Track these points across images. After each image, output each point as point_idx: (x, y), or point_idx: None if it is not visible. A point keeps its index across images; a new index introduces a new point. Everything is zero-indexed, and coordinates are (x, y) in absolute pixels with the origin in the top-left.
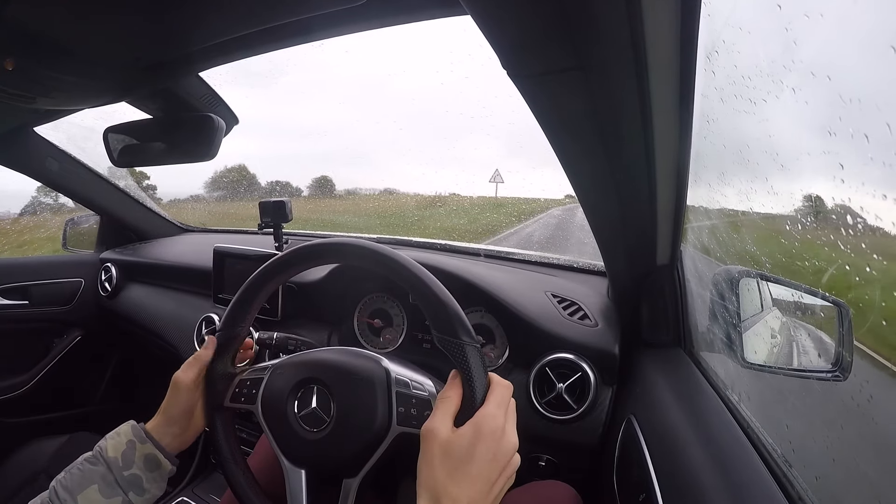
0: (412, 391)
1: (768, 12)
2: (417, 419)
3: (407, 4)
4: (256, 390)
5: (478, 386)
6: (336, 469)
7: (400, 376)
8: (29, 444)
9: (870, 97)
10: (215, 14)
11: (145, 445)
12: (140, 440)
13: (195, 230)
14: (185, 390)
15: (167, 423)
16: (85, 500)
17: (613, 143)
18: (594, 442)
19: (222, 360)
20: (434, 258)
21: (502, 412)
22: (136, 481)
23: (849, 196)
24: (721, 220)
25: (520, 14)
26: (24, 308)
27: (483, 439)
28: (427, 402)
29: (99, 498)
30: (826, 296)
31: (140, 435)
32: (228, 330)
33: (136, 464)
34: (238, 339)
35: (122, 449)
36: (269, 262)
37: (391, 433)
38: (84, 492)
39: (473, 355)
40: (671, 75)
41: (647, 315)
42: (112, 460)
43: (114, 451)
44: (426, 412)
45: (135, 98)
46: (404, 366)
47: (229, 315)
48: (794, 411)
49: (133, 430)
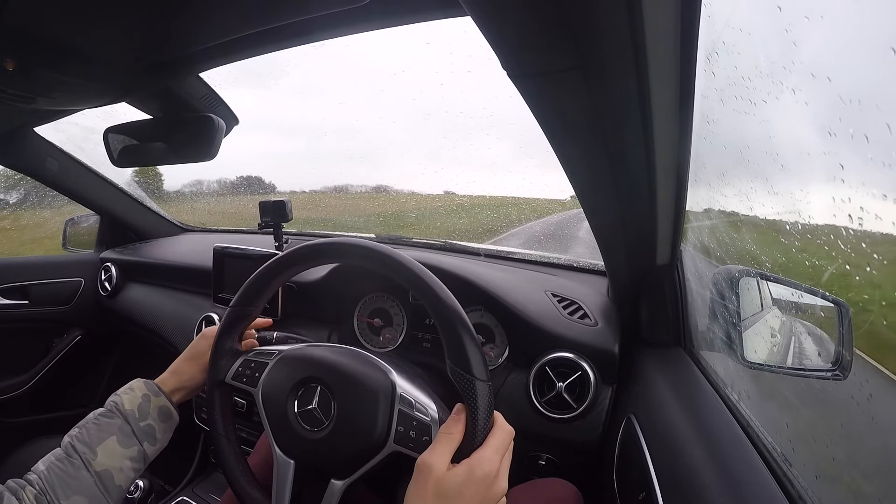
0: (415, 412)
1: (768, 14)
2: (415, 442)
3: (408, 5)
4: (259, 374)
5: (480, 425)
6: (326, 470)
7: (405, 394)
8: (29, 444)
9: (870, 98)
10: (217, 15)
11: (159, 398)
12: (154, 394)
13: (195, 230)
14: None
15: (177, 381)
16: (104, 450)
17: (613, 143)
18: (594, 441)
19: (230, 336)
20: (434, 257)
21: (499, 457)
22: (151, 431)
23: (849, 196)
24: (721, 220)
25: (520, 15)
26: (24, 308)
27: (474, 482)
28: (427, 427)
29: (118, 448)
30: (826, 295)
31: (154, 389)
32: (241, 307)
33: (151, 415)
34: (248, 319)
35: (137, 402)
36: (301, 247)
37: (386, 449)
38: (103, 443)
39: (483, 394)
40: (671, 76)
41: (646, 314)
42: (129, 413)
43: (130, 405)
44: (424, 437)
45: (135, 98)
46: (412, 381)
47: (244, 292)
48: (793, 410)
49: (147, 385)
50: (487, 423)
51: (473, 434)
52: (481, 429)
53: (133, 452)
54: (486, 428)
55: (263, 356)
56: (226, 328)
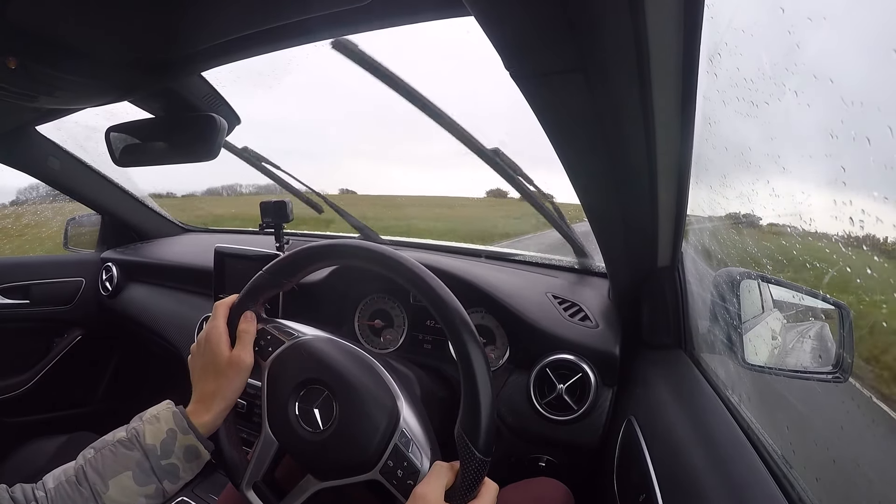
0: (409, 453)
1: (771, 15)
2: (399, 482)
3: (411, 5)
4: (273, 349)
5: (467, 490)
6: (307, 465)
7: (406, 430)
8: (29, 444)
9: (872, 100)
10: (218, 14)
11: (188, 437)
12: (182, 430)
13: (196, 230)
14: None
15: (217, 404)
16: (117, 485)
17: (615, 144)
18: (594, 443)
19: (253, 301)
20: (435, 259)
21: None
22: (174, 470)
23: (850, 198)
24: (722, 222)
25: (523, 15)
26: (25, 307)
27: None
28: (416, 473)
29: (132, 485)
30: (827, 297)
31: (182, 425)
32: (272, 276)
33: (176, 454)
34: (274, 289)
35: (161, 437)
36: (344, 241)
37: (369, 475)
38: (117, 477)
39: (479, 468)
40: (673, 77)
41: (647, 316)
42: (150, 448)
43: (152, 439)
44: (409, 481)
45: (137, 97)
46: (417, 415)
47: (277, 265)
48: (794, 412)
49: (175, 419)
50: (473, 491)
51: (459, 493)
52: (466, 493)
53: (150, 490)
54: (470, 494)
55: (282, 333)
56: (251, 291)
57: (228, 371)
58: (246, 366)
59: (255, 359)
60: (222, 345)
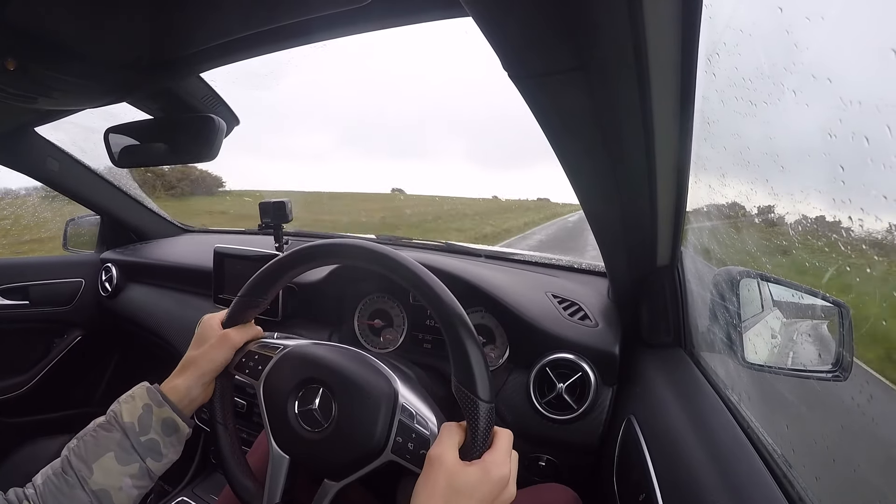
0: (415, 425)
1: (770, 15)
2: (412, 454)
3: (408, 6)
4: (262, 367)
5: (479, 442)
6: (320, 470)
7: (407, 404)
8: (29, 444)
9: (870, 99)
10: (217, 15)
11: (162, 409)
12: (157, 404)
13: (195, 230)
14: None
15: (194, 374)
16: (101, 468)
17: (614, 144)
18: (594, 442)
19: (234, 326)
20: (434, 258)
21: (509, 461)
22: (154, 446)
23: (849, 197)
24: (721, 221)
25: (521, 16)
26: (25, 308)
27: (489, 482)
28: (426, 441)
29: (115, 465)
30: (826, 296)
31: (157, 398)
32: (249, 297)
33: (154, 428)
34: (255, 310)
35: (137, 413)
36: (318, 244)
37: (382, 458)
38: (100, 460)
39: (486, 415)
40: (672, 77)
41: (647, 315)
42: (128, 426)
43: (129, 416)
44: (422, 451)
45: (136, 98)
46: (414, 391)
47: (253, 283)
48: (794, 411)
49: (149, 394)
50: (486, 442)
51: (472, 447)
52: (479, 445)
53: (133, 470)
54: (484, 445)
55: (268, 349)
56: (232, 317)
57: (214, 341)
58: (233, 342)
59: (249, 380)
60: (214, 322)
